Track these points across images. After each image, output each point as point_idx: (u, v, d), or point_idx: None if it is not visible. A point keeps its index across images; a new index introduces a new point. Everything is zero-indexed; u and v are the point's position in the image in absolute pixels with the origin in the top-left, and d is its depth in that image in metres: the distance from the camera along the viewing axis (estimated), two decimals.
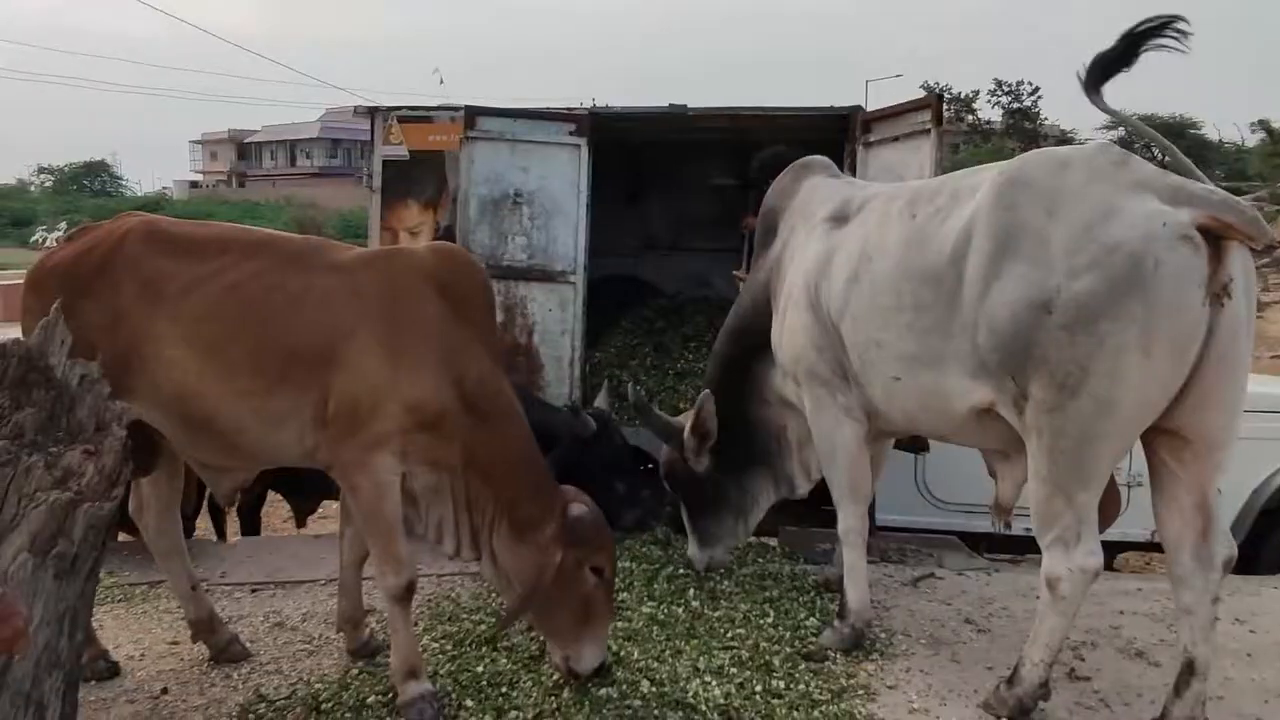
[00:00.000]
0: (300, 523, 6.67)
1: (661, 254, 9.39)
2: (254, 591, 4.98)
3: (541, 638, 4.05)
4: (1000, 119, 41.83)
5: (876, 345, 3.96)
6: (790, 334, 4.39)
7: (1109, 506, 3.68)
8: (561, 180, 6.22)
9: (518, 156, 6.20)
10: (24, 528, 2.87)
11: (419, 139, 6.84)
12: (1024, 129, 40.47)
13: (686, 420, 5.09)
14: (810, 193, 4.60)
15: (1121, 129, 38.11)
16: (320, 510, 6.92)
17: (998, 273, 3.43)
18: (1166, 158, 3.86)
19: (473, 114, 6.18)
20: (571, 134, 6.21)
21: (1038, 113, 41.82)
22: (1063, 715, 3.69)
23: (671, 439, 5.04)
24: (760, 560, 5.43)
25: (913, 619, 4.62)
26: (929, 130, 5.39)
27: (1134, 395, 3.25)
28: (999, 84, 41.31)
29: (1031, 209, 3.40)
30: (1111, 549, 5.39)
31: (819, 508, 6.15)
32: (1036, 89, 41.36)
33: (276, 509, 7.65)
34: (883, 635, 4.38)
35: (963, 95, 41.24)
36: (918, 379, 3.84)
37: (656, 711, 3.58)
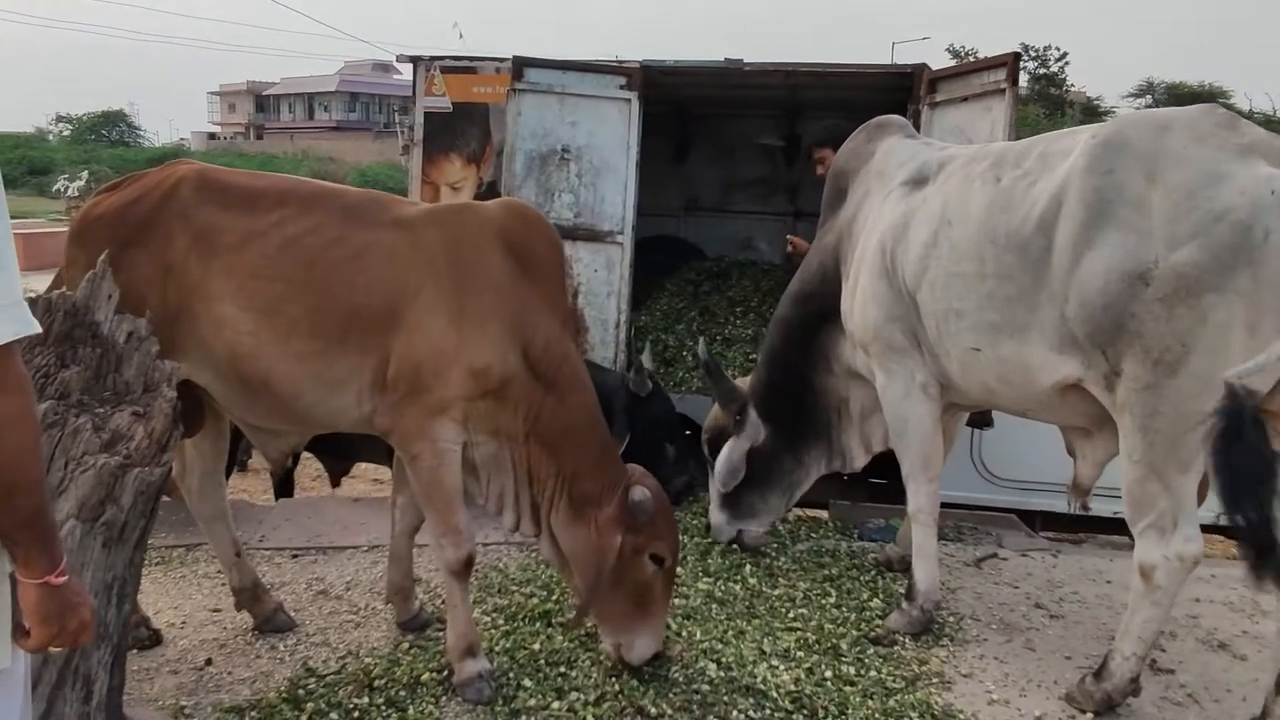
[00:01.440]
0: (334, 483, 6.51)
1: (706, 215, 9.13)
2: (295, 557, 4.81)
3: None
4: (1026, 85, 41.17)
5: (955, 314, 3.75)
6: (862, 302, 4.16)
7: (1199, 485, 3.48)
8: (611, 136, 5.95)
9: (566, 110, 5.93)
10: (72, 493, 2.71)
11: (463, 90, 6.56)
12: (1050, 95, 39.85)
13: (747, 386, 4.88)
14: (886, 154, 4.34)
15: (1150, 96, 37.64)
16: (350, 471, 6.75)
17: (1090, 241, 3.23)
18: None
19: (521, 65, 5.90)
20: (622, 88, 5.93)
21: (1064, 79, 41.19)
22: (1151, 711, 3.50)
23: (732, 404, 4.83)
24: (814, 536, 5.24)
25: (980, 602, 4.42)
26: (1003, 90, 5.13)
27: None
28: (1026, 48, 40.61)
29: (1129, 173, 3.19)
30: None
31: (867, 480, 6.01)
32: (1064, 55, 40.72)
33: (304, 467, 7.48)
34: (951, 619, 4.19)
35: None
36: (999, 351, 3.64)
37: (726, 697, 3.39)
